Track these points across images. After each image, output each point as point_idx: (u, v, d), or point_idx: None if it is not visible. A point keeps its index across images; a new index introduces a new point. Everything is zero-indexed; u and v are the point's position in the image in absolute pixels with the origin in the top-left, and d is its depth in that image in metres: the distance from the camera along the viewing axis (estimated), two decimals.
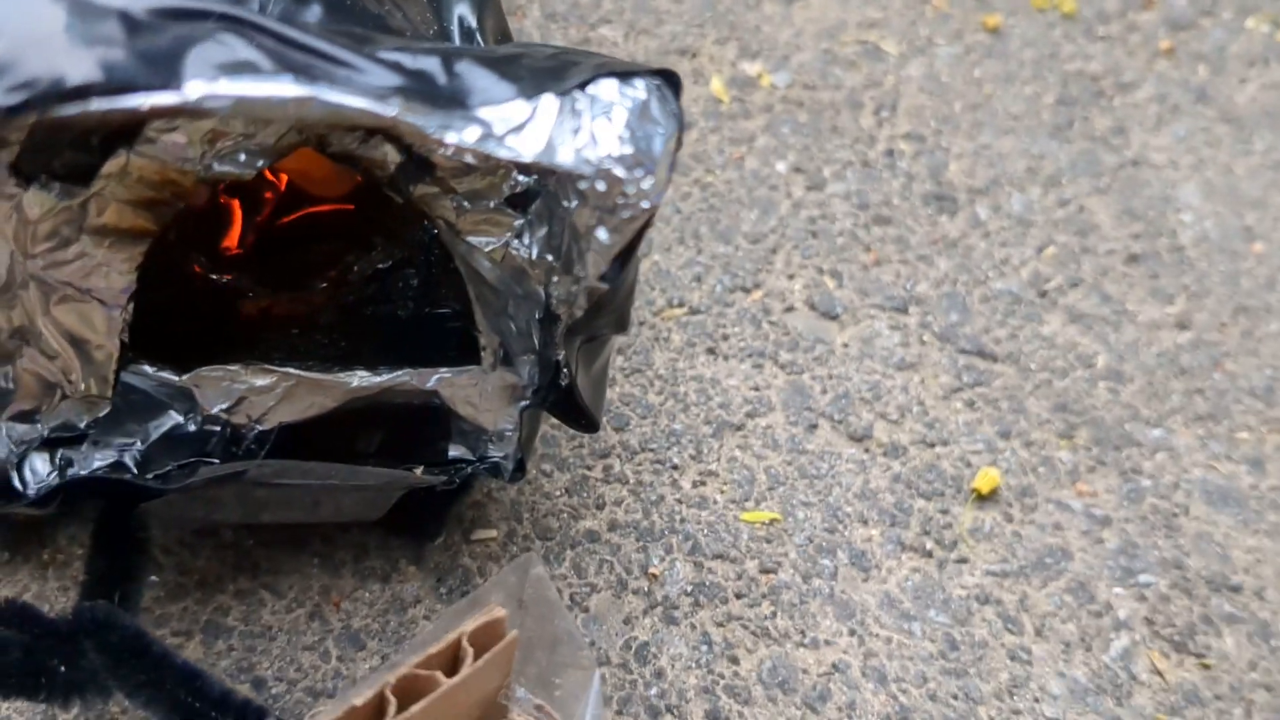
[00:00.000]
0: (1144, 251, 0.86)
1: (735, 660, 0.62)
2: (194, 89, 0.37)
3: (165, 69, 0.37)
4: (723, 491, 0.69)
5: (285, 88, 0.38)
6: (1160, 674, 0.63)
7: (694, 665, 0.61)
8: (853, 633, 0.63)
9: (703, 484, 0.69)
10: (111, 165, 0.43)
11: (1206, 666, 0.64)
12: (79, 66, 0.36)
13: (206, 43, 0.37)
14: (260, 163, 0.44)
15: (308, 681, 0.58)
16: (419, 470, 0.53)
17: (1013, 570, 0.67)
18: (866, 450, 0.72)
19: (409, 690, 0.40)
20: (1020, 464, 0.72)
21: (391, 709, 0.40)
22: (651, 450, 0.70)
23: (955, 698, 0.61)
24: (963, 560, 0.67)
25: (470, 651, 0.40)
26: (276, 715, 0.54)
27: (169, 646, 0.51)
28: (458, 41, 0.51)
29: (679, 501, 0.68)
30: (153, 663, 0.49)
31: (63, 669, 0.49)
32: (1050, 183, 0.90)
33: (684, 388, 0.73)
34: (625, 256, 0.44)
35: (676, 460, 0.70)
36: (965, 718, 0.60)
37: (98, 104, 0.36)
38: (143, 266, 0.47)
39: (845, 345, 0.77)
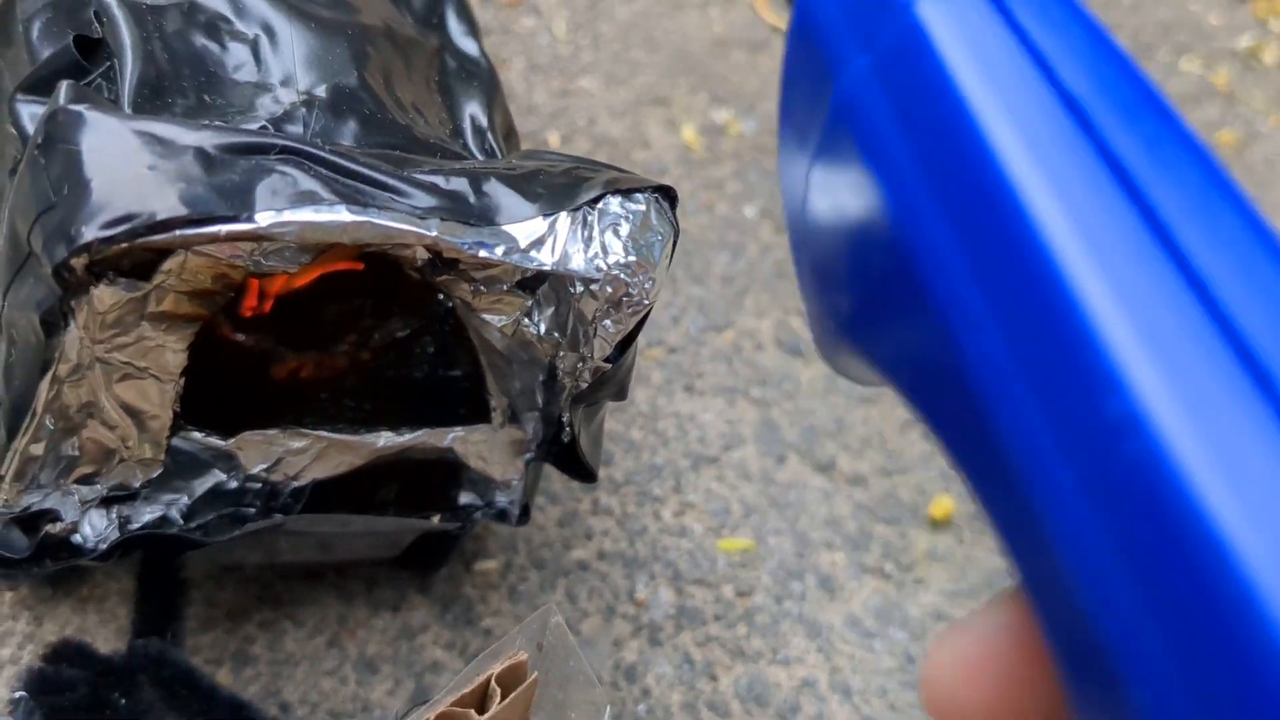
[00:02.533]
0: None
1: (714, 678, 0.68)
2: (264, 218, 0.43)
3: (238, 201, 0.42)
4: (701, 521, 0.75)
5: (341, 215, 0.44)
6: None
7: (677, 683, 0.68)
8: (820, 650, 0.70)
9: (682, 514, 0.75)
10: (171, 263, 0.49)
11: None
12: (165, 201, 0.41)
13: (272, 175, 0.43)
14: (304, 259, 0.50)
15: (329, 704, 0.64)
16: (436, 518, 0.59)
17: (965, 590, 0.74)
18: (831, 480, 0.78)
19: None
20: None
21: None
22: (635, 484, 0.76)
23: (914, 707, 0.68)
24: (920, 581, 0.74)
25: (498, 691, 0.46)
26: None
27: (215, 679, 0.57)
28: (469, 138, 0.57)
29: (661, 531, 0.74)
30: (203, 694, 0.55)
31: (123, 702, 0.54)
32: None
33: (664, 424, 0.80)
34: (627, 342, 0.50)
35: (658, 493, 0.76)
36: None
37: (181, 233, 0.42)
38: (192, 345, 0.53)
39: (811, 381, 0.83)
